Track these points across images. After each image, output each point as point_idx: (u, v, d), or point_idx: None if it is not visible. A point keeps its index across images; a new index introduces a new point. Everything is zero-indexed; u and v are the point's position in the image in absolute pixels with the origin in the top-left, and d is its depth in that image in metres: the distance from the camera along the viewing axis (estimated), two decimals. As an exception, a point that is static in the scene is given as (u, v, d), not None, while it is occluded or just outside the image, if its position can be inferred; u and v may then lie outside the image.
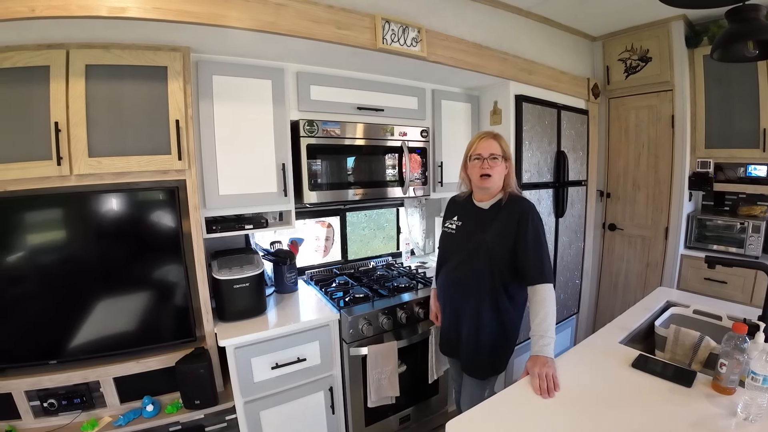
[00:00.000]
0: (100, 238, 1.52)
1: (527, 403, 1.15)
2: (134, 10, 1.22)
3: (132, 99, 1.45)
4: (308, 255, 2.44)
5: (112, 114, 1.43)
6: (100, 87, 1.40)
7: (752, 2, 1.19)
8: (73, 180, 1.40)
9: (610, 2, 2.38)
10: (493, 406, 1.15)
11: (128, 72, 1.43)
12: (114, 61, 1.41)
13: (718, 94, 2.55)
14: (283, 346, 1.69)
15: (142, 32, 1.38)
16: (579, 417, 1.07)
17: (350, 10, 1.66)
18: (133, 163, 1.45)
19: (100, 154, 1.41)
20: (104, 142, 1.42)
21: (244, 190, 1.77)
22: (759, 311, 1.69)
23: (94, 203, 1.50)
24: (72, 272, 1.48)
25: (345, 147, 2.03)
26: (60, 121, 1.34)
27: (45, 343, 1.48)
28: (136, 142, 1.46)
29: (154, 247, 1.60)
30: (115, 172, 1.43)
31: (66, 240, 1.49)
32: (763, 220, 2.50)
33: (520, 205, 1.49)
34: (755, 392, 1.00)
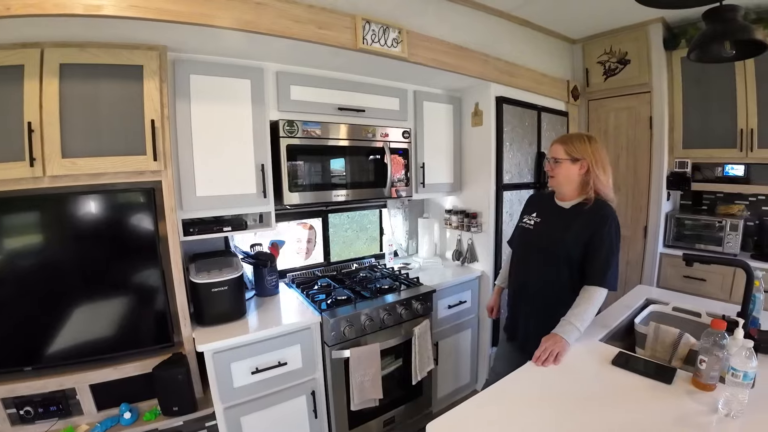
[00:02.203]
0: (74, 242, 1.50)
1: (509, 403, 1.17)
2: (110, 8, 1.22)
3: (107, 98, 1.44)
4: (290, 257, 2.44)
5: (86, 114, 1.42)
6: (74, 86, 1.39)
7: (729, 3, 1.25)
8: (46, 181, 1.38)
9: (589, 6, 2.46)
10: (475, 405, 1.17)
11: (104, 71, 1.42)
12: (89, 60, 1.40)
13: (695, 95, 2.66)
14: (264, 350, 1.69)
15: (118, 31, 1.38)
16: (560, 416, 1.09)
17: (331, 10, 1.68)
18: (108, 163, 1.44)
19: (74, 154, 1.40)
20: (78, 143, 1.41)
21: (222, 191, 1.77)
22: (737, 308, 1.77)
23: (67, 205, 1.47)
24: (46, 276, 1.46)
25: (326, 148, 2.04)
26: (33, 121, 1.33)
27: (21, 349, 1.45)
28: (111, 143, 1.45)
29: (130, 251, 1.59)
30: (89, 173, 1.42)
31: (39, 243, 1.47)
32: (741, 218, 2.61)
33: (601, 210, 1.52)
34: (736, 388, 1.02)
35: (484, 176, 2.58)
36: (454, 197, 2.82)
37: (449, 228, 2.79)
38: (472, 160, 2.67)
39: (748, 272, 1.33)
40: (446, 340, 2.40)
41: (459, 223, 2.69)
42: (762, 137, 2.41)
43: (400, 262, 2.76)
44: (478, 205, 2.63)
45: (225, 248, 2.10)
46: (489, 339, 2.64)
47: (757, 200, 2.76)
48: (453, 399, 2.54)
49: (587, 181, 1.54)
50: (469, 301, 2.52)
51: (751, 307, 1.38)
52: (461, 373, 2.57)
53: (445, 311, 2.37)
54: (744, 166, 2.56)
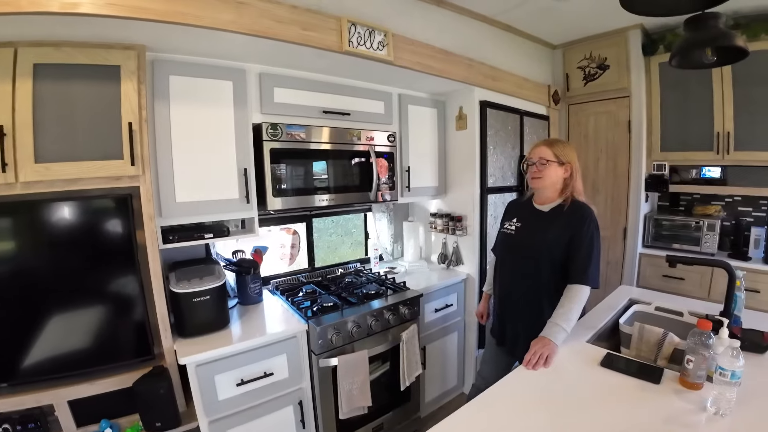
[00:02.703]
0: (48, 252, 1.42)
1: (502, 409, 1.16)
2: (87, 5, 1.16)
3: (83, 101, 1.37)
4: (273, 263, 2.38)
5: (61, 117, 1.35)
6: (49, 88, 1.32)
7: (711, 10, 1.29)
8: (18, 188, 1.30)
9: (570, 12, 2.51)
10: (468, 413, 1.17)
11: (79, 71, 1.35)
12: (65, 59, 1.33)
13: (673, 99, 2.74)
14: (249, 361, 1.63)
15: (95, 29, 1.31)
16: (553, 420, 1.10)
17: (315, 11, 1.65)
18: (84, 169, 1.36)
19: (48, 159, 1.32)
20: (53, 148, 1.33)
21: (203, 197, 1.71)
22: (717, 306, 1.81)
23: (40, 213, 1.39)
24: (19, 287, 1.38)
25: (311, 151, 2.00)
26: (5, 124, 1.25)
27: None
28: (87, 147, 1.38)
29: (107, 260, 1.51)
30: (64, 179, 1.34)
31: (11, 253, 1.38)
32: (718, 218, 2.71)
33: (580, 211, 1.57)
34: (724, 387, 1.04)
35: (468, 179, 2.59)
36: (439, 200, 2.81)
37: (434, 231, 2.78)
38: (456, 164, 2.68)
39: (730, 273, 1.37)
40: (433, 344, 2.39)
41: (444, 227, 2.69)
42: (738, 140, 2.50)
43: (386, 267, 2.73)
44: (463, 208, 2.64)
45: (206, 255, 2.03)
46: (475, 341, 2.64)
47: (733, 201, 2.86)
48: (440, 403, 2.53)
49: (567, 184, 1.61)
50: (455, 305, 2.51)
51: (732, 306, 1.42)
52: (448, 376, 2.56)
53: (431, 315, 2.36)
54: (720, 168, 2.65)
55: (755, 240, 2.60)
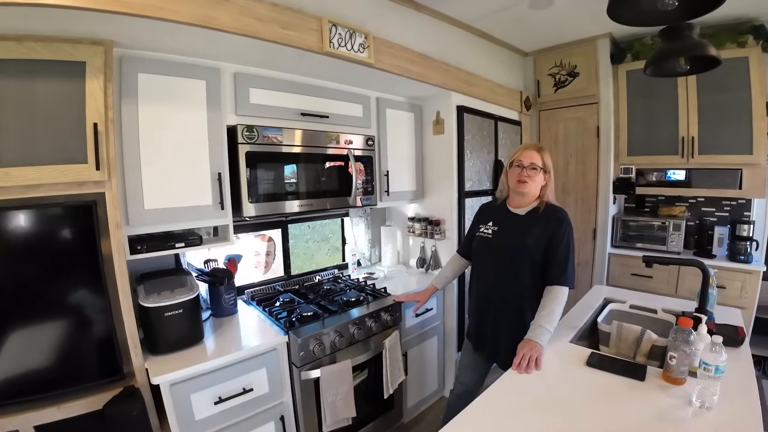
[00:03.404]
0: (5, 263, 1.27)
1: (495, 416, 1.15)
2: (54, -5, 1.05)
3: (45, 100, 1.24)
4: (247, 272, 2.28)
5: (21, 118, 1.22)
6: (8, 86, 1.19)
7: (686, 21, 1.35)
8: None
9: (542, 21, 2.58)
10: (463, 419, 1.14)
11: (42, 68, 1.23)
12: (27, 55, 1.20)
13: (639, 105, 2.88)
14: (226, 378, 1.54)
15: (61, 22, 1.20)
16: (548, 422, 1.10)
17: (296, 10, 1.60)
18: (45, 174, 1.23)
19: (7, 164, 1.19)
20: (12, 151, 1.20)
21: (173, 203, 1.60)
22: (687, 302, 1.90)
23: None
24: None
25: (288, 155, 1.94)
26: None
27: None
28: (49, 150, 1.25)
29: (69, 273, 1.37)
30: (23, 185, 1.21)
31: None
32: (683, 219, 2.86)
33: (556, 213, 1.61)
34: (708, 381, 1.09)
35: (446, 184, 2.59)
36: (417, 205, 2.80)
37: (412, 235, 2.77)
38: (434, 168, 2.68)
39: (705, 271, 1.43)
40: (414, 349, 2.36)
41: (422, 231, 2.68)
42: (702, 144, 2.65)
43: (364, 272, 2.68)
44: (441, 212, 2.64)
45: (176, 266, 1.90)
46: (455, 344, 2.64)
47: (697, 202, 3.04)
48: (422, 407, 2.51)
49: (543, 190, 1.65)
50: (435, 308, 2.50)
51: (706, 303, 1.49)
52: (429, 380, 2.54)
53: (412, 320, 2.33)
54: (685, 171, 2.79)
55: (719, 239, 2.77)
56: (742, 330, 1.51)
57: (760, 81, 2.44)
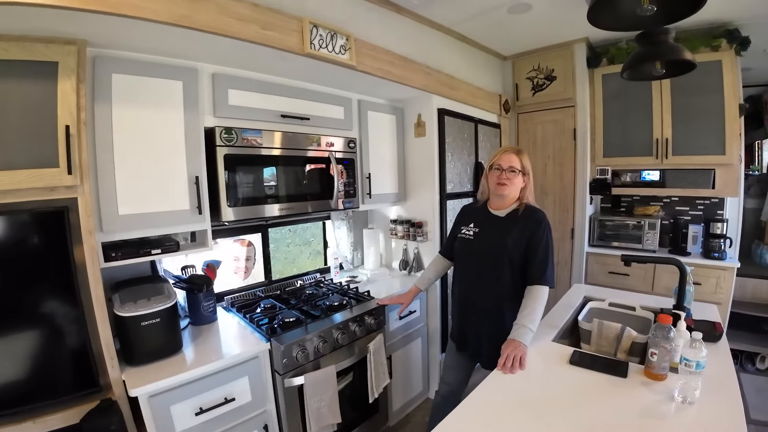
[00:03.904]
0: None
1: (483, 416, 1.17)
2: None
3: (15, 102, 1.19)
4: (227, 278, 2.23)
5: None
6: None
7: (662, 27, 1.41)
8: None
9: (521, 25, 2.64)
10: (450, 422, 1.15)
11: (12, 69, 1.18)
12: None
13: (615, 108, 2.98)
14: (207, 387, 1.50)
15: (33, 21, 1.15)
16: (536, 421, 1.12)
17: (276, 10, 1.58)
18: (14, 179, 1.17)
19: None
20: None
21: (149, 208, 1.55)
22: (663, 299, 1.97)
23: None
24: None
25: (268, 157, 1.91)
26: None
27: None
28: (19, 154, 1.19)
29: (41, 282, 1.31)
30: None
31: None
32: (658, 218, 2.98)
33: (535, 215, 1.65)
34: (689, 377, 1.13)
35: (428, 186, 2.61)
36: (399, 207, 2.82)
37: (395, 238, 2.78)
38: (416, 170, 2.70)
39: (682, 269, 1.49)
40: (398, 352, 2.37)
41: (405, 233, 2.69)
42: (676, 145, 2.77)
43: (347, 276, 2.68)
44: (423, 214, 2.66)
45: (152, 273, 1.84)
46: (439, 345, 2.66)
47: (671, 201, 3.18)
48: (408, 410, 2.52)
49: (523, 192, 1.69)
50: (418, 311, 2.51)
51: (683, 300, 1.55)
52: (414, 382, 2.55)
53: (395, 323, 2.33)
54: (659, 172, 2.91)
55: (693, 237, 2.90)
56: (720, 325, 1.58)
57: (733, 84, 2.56)
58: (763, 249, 3.33)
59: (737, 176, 2.66)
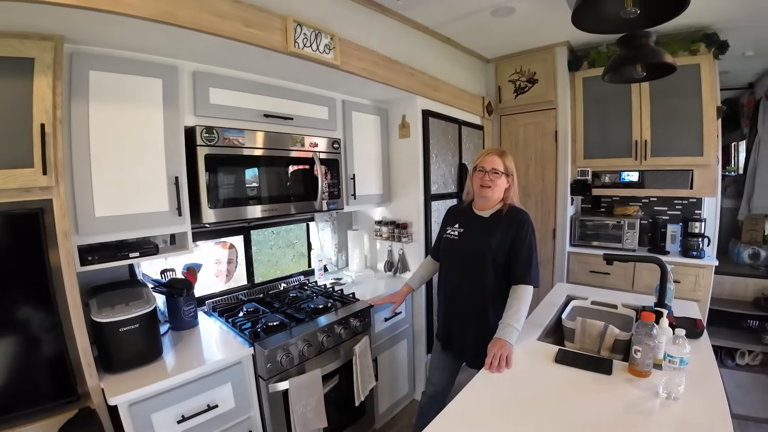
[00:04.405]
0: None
1: (471, 416, 1.18)
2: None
3: None
4: (208, 282, 2.19)
5: None
6: None
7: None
8: None
9: (503, 28, 2.70)
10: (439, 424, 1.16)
11: None
12: None
13: (595, 111, 3.07)
14: (189, 394, 1.47)
15: (7, 15, 1.11)
16: (523, 420, 1.14)
17: (260, 8, 1.58)
18: None
19: None
20: None
21: (127, 210, 1.52)
22: (643, 297, 2.03)
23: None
24: None
25: (250, 158, 1.89)
26: None
27: None
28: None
29: (15, 287, 1.27)
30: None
31: None
32: (637, 218, 3.08)
33: (519, 216, 1.68)
34: (673, 373, 1.16)
35: (413, 187, 2.64)
36: (384, 208, 2.83)
37: (380, 239, 2.79)
38: (400, 172, 2.71)
39: (663, 268, 1.55)
40: (384, 354, 2.37)
41: (390, 234, 2.70)
42: (654, 147, 2.87)
43: (331, 278, 2.67)
44: (408, 215, 2.68)
45: (131, 277, 1.80)
46: (424, 345, 2.68)
47: (649, 201, 3.30)
48: (394, 412, 2.53)
49: (507, 193, 1.73)
50: (403, 312, 2.52)
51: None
52: (400, 384, 2.56)
53: (381, 325, 2.34)
54: (638, 173, 3.00)
55: (671, 236, 3.02)
56: (701, 322, 1.64)
57: (711, 87, 2.66)
58: (740, 247, 3.48)
59: (715, 177, 2.77)
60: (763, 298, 3.10)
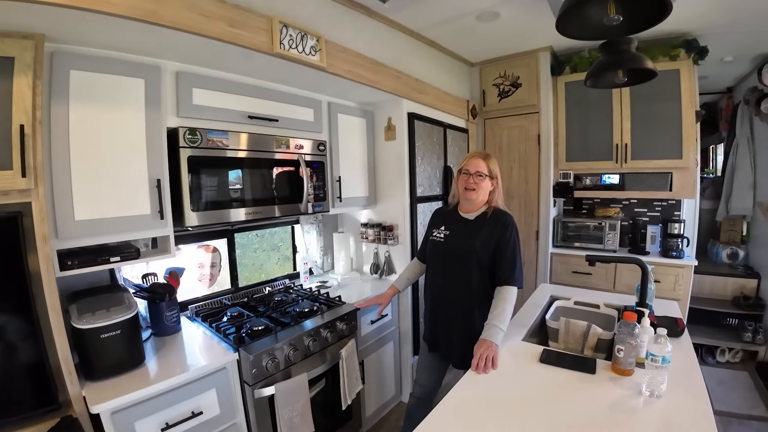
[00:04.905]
0: None
1: (459, 417, 1.20)
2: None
3: None
4: (191, 286, 2.17)
5: None
6: None
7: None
8: None
9: (488, 33, 2.75)
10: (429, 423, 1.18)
11: None
12: None
13: (577, 115, 3.16)
14: (173, 402, 1.46)
15: None
16: (510, 420, 1.16)
17: (245, 8, 1.58)
18: None
19: None
20: None
21: (107, 213, 1.50)
22: (625, 296, 2.09)
23: None
24: None
25: (234, 160, 1.89)
26: None
27: None
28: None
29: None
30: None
31: None
32: (617, 219, 3.18)
33: (503, 218, 1.73)
34: (656, 371, 1.20)
35: (399, 189, 2.66)
36: (370, 211, 2.85)
37: (365, 242, 2.80)
38: (386, 174, 2.74)
39: (644, 268, 1.61)
40: (371, 356, 2.39)
41: (375, 237, 2.72)
42: (635, 150, 2.97)
43: (317, 281, 2.67)
44: (394, 217, 2.70)
45: (111, 282, 1.77)
46: (411, 347, 2.70)
47: (630, 203, 3.40)
48: (381, 414, 2.55)
49: (491, 195, 1.78)
50: (390, 314, 2.54)
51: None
52: (387, 387, 2.58)
53: (367, 327, 2.35)
54: (619, 175, 3.11)
55: (651, 236, 3.13)
56: (681, 321, 1.70)
57: (690, 91, 2.77)
58: (718, 247, 3.64)
59: (693, 179, 2.88)
60: (742, 296, 3.25)
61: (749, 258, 3.57)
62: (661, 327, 1.28)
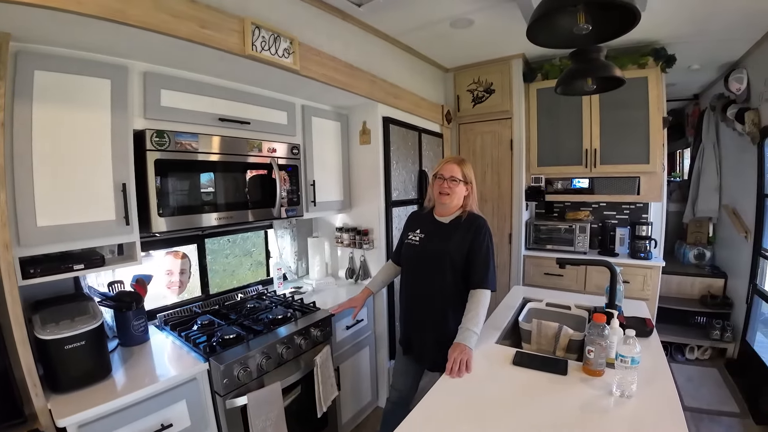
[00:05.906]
0: None
1: (434, 422, 1.23)
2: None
3: None
4: (159, 294, 2.14)
5: None
6: None
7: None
8: None
9: (462, 39, 2.85)
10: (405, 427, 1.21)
11: None
12: None
13: (548, 121, 3.31)
14: (142, 414, 1.44)
15: None
16: (484, 423, 1.20)
17: (216, 8, 1.59)
18: None
19: None
20: None
21: (71, 219, 1.47)
22: (595, 297, 2.18)
23: None
24: None
25: (204, 163, 1.88)
26: None
27: None
28: None
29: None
30: None
31: None
32: (587, 222, 3.34)
33: (476, 221, 1.79)
34: (625, 372, 1.26)
35: (374, 193, 2.71)
36: (345, 215, 2.88)
37: (341, 246, 2.83)
38: (361, 178, 2.78)
39: (612, 270, 1.71)
40: (346, 362, 2.41)
41: (351, 241, 2.76)
42: (603, 155, 3.13)
43: (291, 287, 2.67)
44: (369, 221, 2.75)
45: (76, 291, 1.73)
46: (387, 352, 2.75)
47: (599, 206, 3.58)
48: (358, 420, 2.57)
49: (466, 200, 1.84)
50: (365, 319, 2.58)
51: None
52: (363, 392, 2.61)
53: (343, 333, 2.38)
54: (588, 180, 3.27)
55: (620, 238, 3.30)
56: (650, 321, 1.79)
57: (658, 98, 2.93)
58: (685, 248, 3.85)
59: (660, 183, 3.06)
60: (709, 295, 3.45)
61: (715, 258, 3.79)
62: (630, 328, 1.33)
